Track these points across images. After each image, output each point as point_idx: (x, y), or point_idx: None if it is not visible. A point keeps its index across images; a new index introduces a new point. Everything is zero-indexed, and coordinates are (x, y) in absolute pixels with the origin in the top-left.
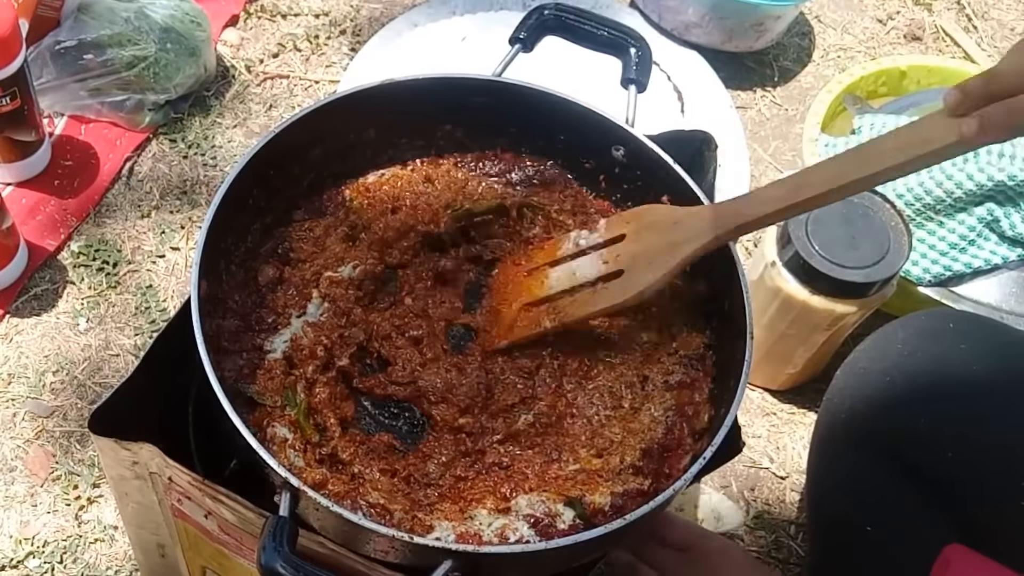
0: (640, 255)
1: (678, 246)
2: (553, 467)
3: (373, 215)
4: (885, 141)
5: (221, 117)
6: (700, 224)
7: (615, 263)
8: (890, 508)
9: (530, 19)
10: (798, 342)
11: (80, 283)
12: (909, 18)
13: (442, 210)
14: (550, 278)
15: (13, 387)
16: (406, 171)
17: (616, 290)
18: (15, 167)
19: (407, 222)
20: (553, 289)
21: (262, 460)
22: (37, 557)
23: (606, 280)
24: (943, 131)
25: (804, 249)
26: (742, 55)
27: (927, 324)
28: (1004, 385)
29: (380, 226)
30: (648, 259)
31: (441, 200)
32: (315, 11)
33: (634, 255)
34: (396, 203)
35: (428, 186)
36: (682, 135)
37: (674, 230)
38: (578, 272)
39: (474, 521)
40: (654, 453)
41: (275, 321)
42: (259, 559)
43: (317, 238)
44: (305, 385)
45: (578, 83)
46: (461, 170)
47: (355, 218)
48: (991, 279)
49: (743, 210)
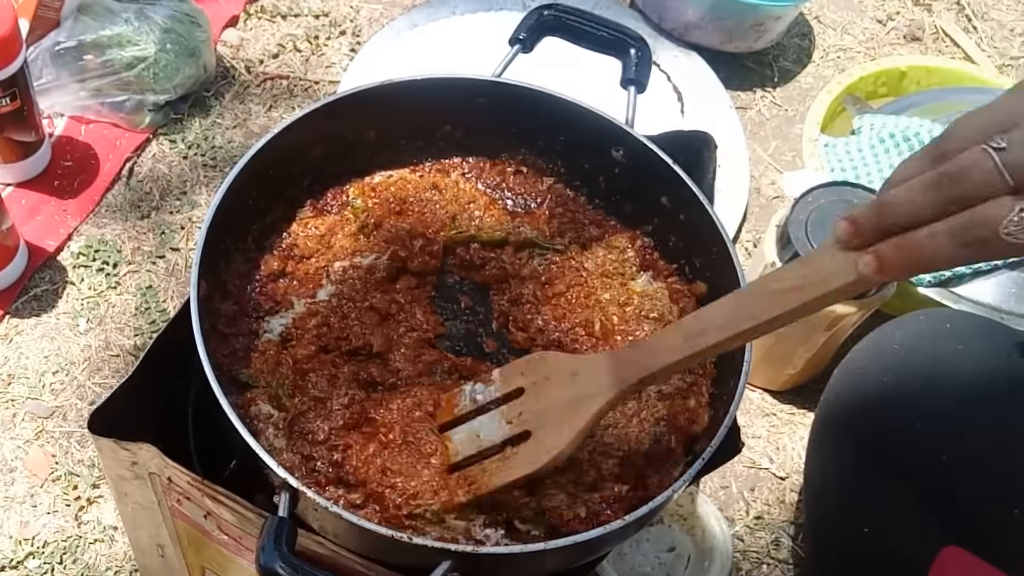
0: (545, 414)
1: (583, 402)
2: None
3: (382, 214)
4: (782, 279)
5: (221, 118)
6: (601, 378)
7: (519, 423)
8: (886, 510)
9: (530, 20)
10: (798, 343)
11: (80, 284)
12: (909, 19)
13: (448, 222)
14: (454, 441)
15: (13, 388)
16: (414, 176)
17: (528, 456)
18: (15, 167)
19: (415, 227)
20: (460, 455)
21: (261, 460)
22: (37, 557)
23: (514, 443)
24: (841, 268)
25: (804, 250)
26: (742, 56)
27: (924, 324)
28: (1000, 386)
29: (390, 225)
30: (554, 418)
31: (448, 212)
32: (315, 12)
33: (538, 414)
34: (403, 206)
35: (435, 194)
36: (682, 136)
37: (574, 384)
38: (481, 434)
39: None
40: (635, 461)
41: (273, 308)
42: (258, 559)
43: (322, 235)
44: (294, 363)
45: (578, 84)
46: (469, 181)
47: (365, 217)
48: (991, 279)
49: (642, 361)
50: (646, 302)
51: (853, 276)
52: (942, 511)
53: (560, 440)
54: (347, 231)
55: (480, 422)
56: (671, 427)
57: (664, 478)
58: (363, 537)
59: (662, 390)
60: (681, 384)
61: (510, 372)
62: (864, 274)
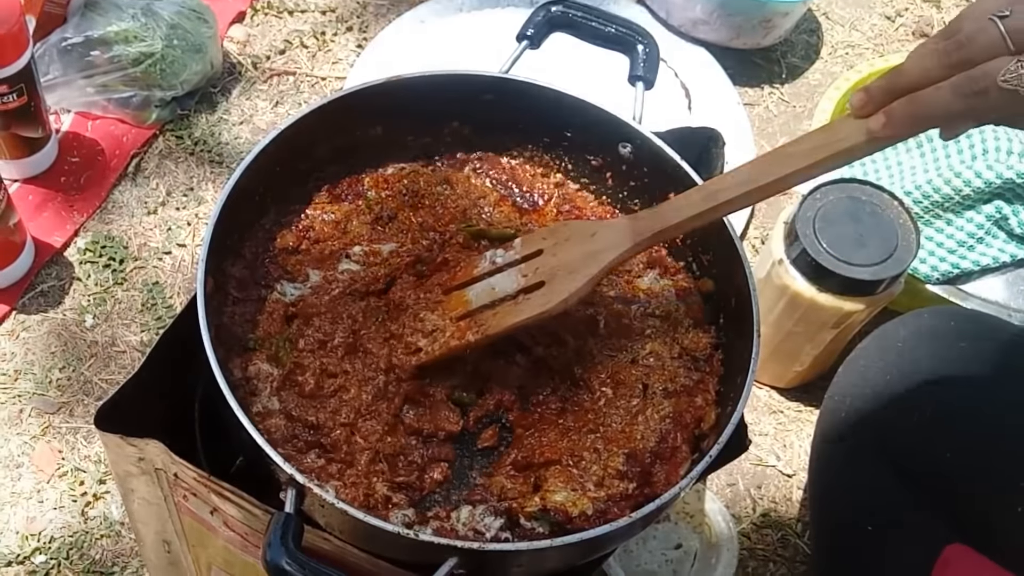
0: (560, 267)
1: (598, 255)
2: None
3: (396, 206)
4: (799, 144)
5: (227, 114)
6: (618, 234)
7: (535, 276)
8: (890, 507)
9: (537, 16)
10: (805, 340)
11: (87, 280)
12: (918, 15)
13: (460, 216)
14: (469, 295)
15: (20, 383)
16: (426, 170)
17: (538, 300)
18: (22, 163)
19: (427, 221)
20: (473, 305)
21: (268, 457)
22: (44, 553)
23: (527, 292)
24: (853, 131)
25: (812, 247)
26: (750, 52)
27: (928, 322)
28: (1004, 384)
29: (404, 217)
30: (568, 269)
31: (459, 207)
32: (322, 7)
33: (553, 267)
34: (416, 199)
35: (447, 188)
36: (689, 132)
37: (592, 241)
38: (497, 287)
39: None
40: (641, 458)
41: (286, 275)
42: (265, 556)
43: (338, 222)
44: (303, 317)
45: (585, 80)
46: (479, 177)
47: (379, 208)
48: (999, 277)
49: (660, 217)
50: (652, 299)
51: (863, 136)
52: (946, 508)
53: (572, 285)
54: (362, 219)
55: (496, 278)
56: (677, 424)
57: (671, 475)
58: (370, 533)
59: (668, 388)
60: (688, 382)
61: (531, 237)
62: (872, 129)
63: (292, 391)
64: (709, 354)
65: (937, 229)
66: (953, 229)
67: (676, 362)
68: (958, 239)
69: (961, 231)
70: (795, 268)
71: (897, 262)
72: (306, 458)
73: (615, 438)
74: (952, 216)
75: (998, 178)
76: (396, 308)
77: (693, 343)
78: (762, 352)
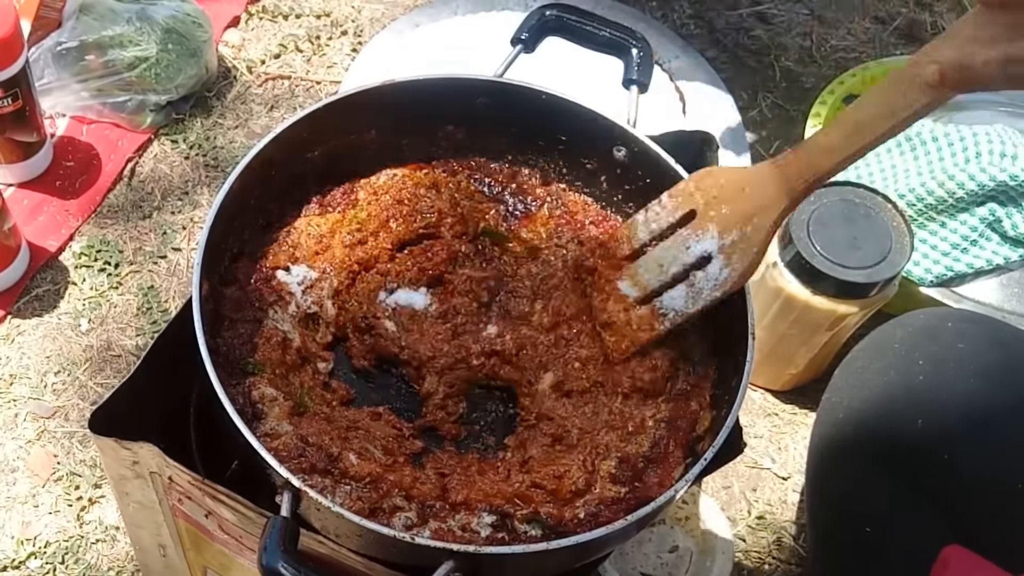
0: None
1: (758, 220)
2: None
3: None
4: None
5: (223, 118)
6: (770, 189)
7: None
8: (888, 509)
9: (532, 20)
10: (800, 342)
11: (82, 284)
12: (910, 18)
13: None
14: (638, 273)
15: (15, 388)
16: (417, 174)
17: (715, 282)
18: (17, 168)
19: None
20: (649, 285)
21: (263, 461)
22: (39, 558)
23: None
24: None
25: (806, 249)
26: (744, 55)
27: (925, 323)
28: (1002, 385)
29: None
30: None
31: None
32: (316, 12)
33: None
34: (404, 207)
35: (433, 193)
36: (684, 136)
37: (745, 199)
38: (664, 264)
39: None
40: (634, 463)
41: (278, 300)
42: (260, 559)
43: (322, 235)
44: (302, 350)
45: (580, 84)
46: (472, 183)
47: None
48: (993, 280)
49: (808, 167)
50: None
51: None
52: (943, 509)
53: (745, 261)
54: (348, 231)
55: (660, 253)
56: (672, 428)
57: (665, 478)
58: (366, 537)
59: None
60: (684, 387)
61: (679, 192)
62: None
63: (310, 421)
64: (703, 357)
65: (931, 232)
66: (947, 232)
67: (671, 366)
68: (952, 242)
69: (955, 234)
70: (789, 271)
71: (891, 265)
72: (312, 478)
73: (609, 443)
74: (946, 219)
75: (991, 181)
76: None
77: (688, 348)
78: (757, 355)
